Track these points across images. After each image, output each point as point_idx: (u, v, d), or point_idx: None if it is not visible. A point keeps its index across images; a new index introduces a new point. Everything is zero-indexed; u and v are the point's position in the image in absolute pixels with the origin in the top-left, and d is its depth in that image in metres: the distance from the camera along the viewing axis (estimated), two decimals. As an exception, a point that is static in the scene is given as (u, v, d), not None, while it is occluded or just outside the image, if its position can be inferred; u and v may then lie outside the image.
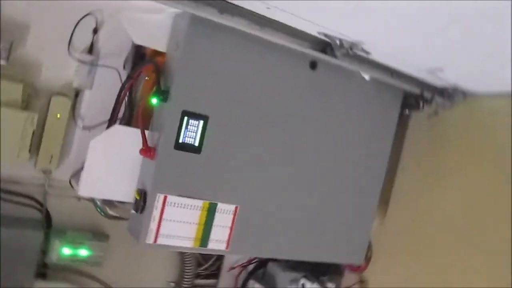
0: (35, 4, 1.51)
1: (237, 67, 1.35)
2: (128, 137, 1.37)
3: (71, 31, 1.56)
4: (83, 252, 1.57)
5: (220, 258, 1.91)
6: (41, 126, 1.53)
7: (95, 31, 1.60)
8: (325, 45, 1.43)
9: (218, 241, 1.37)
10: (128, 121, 1.53)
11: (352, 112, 1.60)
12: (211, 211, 1.35)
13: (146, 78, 1.50)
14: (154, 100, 1.37)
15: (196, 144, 1.31)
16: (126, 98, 1.55)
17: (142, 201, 1.28)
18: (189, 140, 1.29)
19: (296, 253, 1.57)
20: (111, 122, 1.52)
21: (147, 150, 1.29)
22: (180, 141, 1.28)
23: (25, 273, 1.47)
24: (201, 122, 1.31)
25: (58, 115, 1.54)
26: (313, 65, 1.48)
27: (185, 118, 1.28)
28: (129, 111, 1.53)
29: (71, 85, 1.57)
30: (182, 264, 1.75)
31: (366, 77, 1.58)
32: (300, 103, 1.48)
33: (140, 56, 1.56)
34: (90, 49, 1.59)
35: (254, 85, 1.39)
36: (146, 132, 1.34)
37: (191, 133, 1.30)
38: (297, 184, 1.51)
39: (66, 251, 1.55)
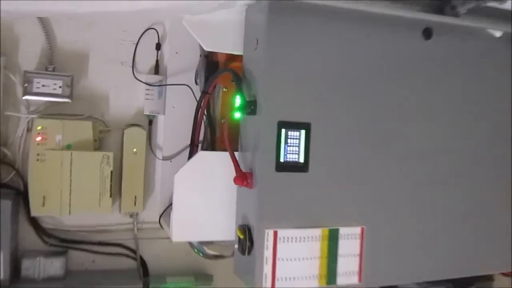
0: (91, 30, 1.34)
1: (332, 54, 1.07)
2: (216, 163, 1.15)
3: (132, 53, 1.37)
4: (189, 299, 1.38)
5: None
6: (119, 165, 1.35)
7: (158, 47, 1.40)
8: (442, 5, 1.10)
9: (348, 274, 1.10)
10: (211, 143, 1.30)
11: (484, 82, 1.25)
12: (333, 239, 1.08)
13: (224, 89, 1.26)
14: (238, 114, 1.13)
15: (301, 160, 1.04)
16: (205, 117, 1.33)
17: (247, 240, 1.04)
18: (292, 157, 1.03)
19: (439, 272, 1.24)
20: (192, 147, 1.30)
21: (242, 178, 1.05)
22: (282, 160, 1.02)
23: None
24: (303, 132, 1.04)
25: (135, 150, 1.35)
26: (428, 33, 1.15)
27: (283, 130, 1.02)
28: (210, 131, 1.31)
29: (142, 113, 1.38)
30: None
31: (497, 33, 1.22)
32: (418, 84, 1.16)
33: (212, 66, 1.32)
34: (156, 68, 1.40)
35: (357, 73, 1.10)
36: (236, 154, 1.10)
37: (293, 147, 1.03)
38: (430, 188, 1.19)
39: (170, 300, 1.36)
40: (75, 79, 1.30)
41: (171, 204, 1.35)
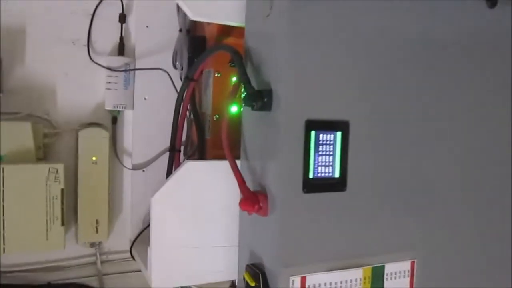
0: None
1: (380, 22, 0.75)
2: (209, 177, 0.83)
3: (87, 28, 1.02)
4: None
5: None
6: (73, 180, 1.00)
7: (122, 18, 1.04)
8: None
9: (397, 327, 0.80)
10: (200, 149, 0.97)
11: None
12: (377, 280, 0.78)
13: (217, 74, 0.93)
14: (235, 109, 0.82)
15: (336, 174, 0.73)
16: (189, 113, 1.00)
17: (262, 290, 0.73)
18: (324, 171, 0.72)
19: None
20: (173, 153, 0.97)
21: (253, 201, 0.73)
22: (311, 175, 0.70)
23: None
24: (339, 134, 0.72)
25: (94, 158, 1.00)
26: (493, -4, 0.85)
27: (313, 133, 0.70)
28: (197, 131, 0.98)
29: (103, 108, 1.04)
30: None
31: None
32: (480, 68, 0.86)
33: (197, 44, 0.99)
34: (121, 48, 1.04)
35: (410, 53, 0.78)
36: (238, 163, 0.78)
37: (326, 157, 0.72)
38: (495, 210, 0.90)
39: None
40: (6, 64, 0.94)
41: (146, 228, 1.03)
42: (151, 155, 1.07)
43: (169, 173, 0.95)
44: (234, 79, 0.92)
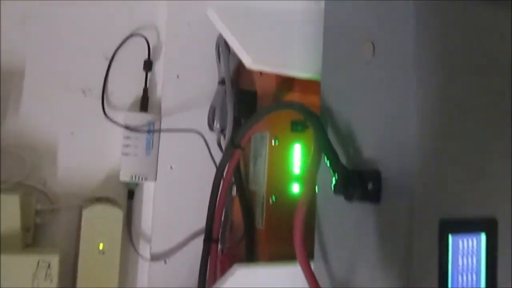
0: (29, 29, 0.76)
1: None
2: None
3: (103, 76, 0.80)
4: None
5: None
6: (72, 274, 0.74)
7: (148, 65, 0.82)
8: None
9: None
10: (249, 240, 0.72)
11: None
12: None
13: (275, 142, 0.70)
14: (296, 189, 0.58)
15: (481, 296, 0.48)
16: (232, 190, 0.76)
17: None
18: (465, 295, 0.46)
19: None
20: (209, 244, 0.71)
21: None
22: (447, 306, 0.45)
23: None
24: (482, 238, 0.48)
25: (101, 246, 0.75)
26: None
27: (450, 238, 0.45)
28: (245, 216, 0.73)
29: (117, 180, 0.79)
30: None
31: None
32: None
33: (245, 100, 0.77)
34: (144, 102, 0.82)
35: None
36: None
37: (468, 275, 0.47)
38: None
39: None
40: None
41: None
42: (175, 241, 0.81)
43: (203, 271, 0.70)
44: (297, 146, 0.69)
